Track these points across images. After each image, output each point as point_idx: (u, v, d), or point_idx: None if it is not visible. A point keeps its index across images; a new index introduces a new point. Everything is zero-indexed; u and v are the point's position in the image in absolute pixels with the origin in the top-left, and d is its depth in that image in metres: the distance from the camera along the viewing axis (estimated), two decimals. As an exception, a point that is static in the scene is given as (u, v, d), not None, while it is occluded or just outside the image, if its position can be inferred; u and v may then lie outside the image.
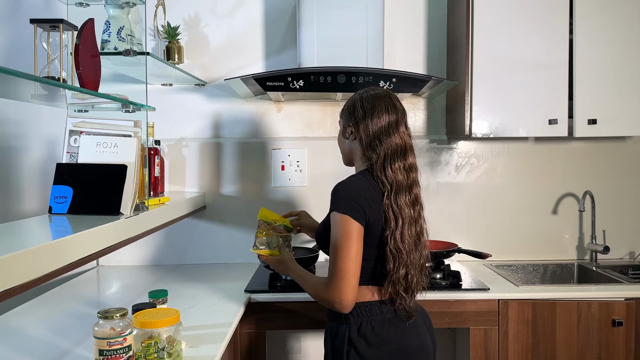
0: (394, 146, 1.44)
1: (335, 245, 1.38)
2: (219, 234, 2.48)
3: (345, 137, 1.55)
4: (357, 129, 1.48)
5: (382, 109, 1.47)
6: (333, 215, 1.40)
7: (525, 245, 2.48)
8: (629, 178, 2.49)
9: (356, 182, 1.43)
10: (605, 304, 1.94)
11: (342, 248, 1.36)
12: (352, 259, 1.36)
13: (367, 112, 1.47)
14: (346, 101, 1.57)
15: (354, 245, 1.36)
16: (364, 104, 1.49)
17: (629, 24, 2.15)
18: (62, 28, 1.41)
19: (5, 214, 2.29)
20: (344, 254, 1.36)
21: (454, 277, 2.08)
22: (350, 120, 1.50)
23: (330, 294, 1.37)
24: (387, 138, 1.44)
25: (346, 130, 1.53)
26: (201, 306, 1.83)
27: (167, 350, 1.24)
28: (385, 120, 1.46)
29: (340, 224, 1.37)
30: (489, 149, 2.48)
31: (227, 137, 2.47)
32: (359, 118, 1.48)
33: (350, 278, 1.36)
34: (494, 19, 2.15)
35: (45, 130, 2.36)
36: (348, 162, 1.61)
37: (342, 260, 1.36)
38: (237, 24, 2.45)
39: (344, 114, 1.55)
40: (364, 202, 1.38)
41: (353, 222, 1.36)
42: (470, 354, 1.95)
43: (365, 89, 1.55)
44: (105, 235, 1.37)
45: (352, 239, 1.36)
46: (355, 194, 1.39)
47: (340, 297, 1.36)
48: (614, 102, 2.16)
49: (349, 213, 1.37)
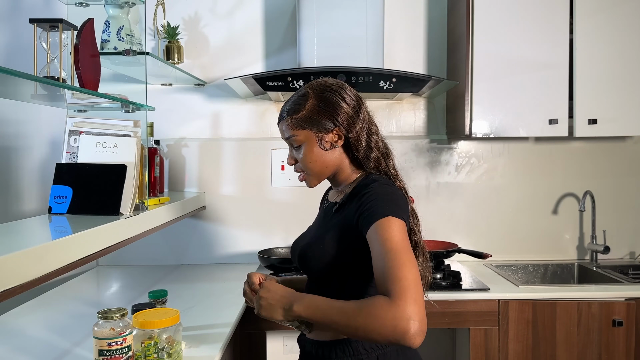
0: (381, 140, 1.28)
1: (397, 251, 1.03)
2: (219, 234, 2.48)
3: (324, 149, 1.23)
4: (349, 131, 1.22)
5: (359, 96, 1.26)
6: (387, 220, 1.08)
7: (525, 245, 2.48)
8: (629, 178, 2.49)
9: (396, 190, 1.20)
10: (606, 304, 1.94)
11: (407, 254, 1.04)
12: (417, 269, 1.04)
13: (354, 105, 1.24)
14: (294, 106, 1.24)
15: (413, 256, 1.07)
16: (343, 96, 1.23)
17: (629, 24, 2.15)
18: (61, 28, 1.41)
19: (5, 214, 2.29)
20: (410, 260, 1.03)
21: (454, 277, 2.08)
22: (335, 123, 1.22)
23: (402, 310, 0.94)
24: (376, 130, 1.27)
25: (325, 139, 1.22)
26: (201, 306, 1.82)
27: (167, 351, 1.24)
28: (367, 110, 1.26)
29: (400, 229, 1.08)
30: (489, 149, 2.48)
31: (227, 137, 2.47)
32: (350, 116, 1.22)
33: (422, 291, 1.01)
34: (494, 19, 2.15)
35: (45, 130, 2.35)
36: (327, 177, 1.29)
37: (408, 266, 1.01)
38: (237, 23, 2.45)
39: (313, 120, 1.22)
40: (408, 213, 1.18)
41: (406, 229, 1.11)
42: (470, 354, 1.95)
43: (310, 84, 1.27)
44: (105, 235, 1.37)
45: (411, 249, 1.08)
46: (403, 202, 1.17)
47: (418, 313, 0.95)
48: (614, 102, 2.16)
49: (405, 219, 1.12)
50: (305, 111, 1.22)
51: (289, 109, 1.26)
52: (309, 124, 1.22)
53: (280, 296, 1.10)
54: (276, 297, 1.11)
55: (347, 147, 1.25)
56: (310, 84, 1.28)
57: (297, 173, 1.32)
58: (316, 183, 1.29)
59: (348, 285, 1.19)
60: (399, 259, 1.02)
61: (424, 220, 2.56)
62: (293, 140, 1.25)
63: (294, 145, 1.26)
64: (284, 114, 1.26)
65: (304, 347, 1.32)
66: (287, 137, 1.27)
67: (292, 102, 1.26)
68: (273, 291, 1.12)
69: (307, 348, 1.30)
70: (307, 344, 1.30)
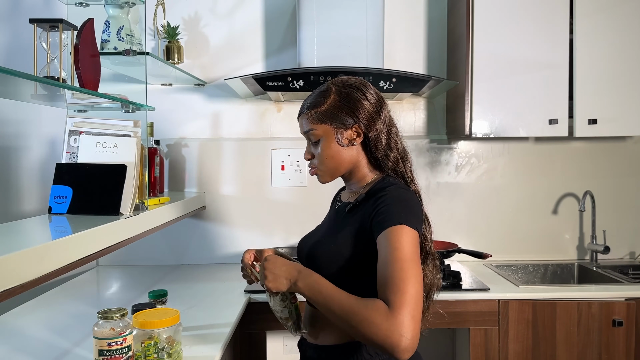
0: (401, 142, 1.26)
1: (405, 262, 1.03)
2: (219, 234, 2.48)
3: (342, 145, 1.22)
4: (369, 129, 1.21)
5: (382, 96, 1.25)
6: (400, 228, 1.07)
7: (525, 245, 2.48)
8: (629, 178, 2.49)
9: (413, 196, 1.18)
10: (606, 304, 1.94)
11: (415, 266, 1.04)
12: (422, 282, 1.05)
13: (376, 103, 1.22)
14: (316, 101, 1.23)
15: (421, 268, 1.07)
16: (365, 94, 1.22)
17: (629, 24, 2.15)
18: (61, 28, 1.41)
19: (5, 214, 2.29)
20: (416, 273, 1.03)
21: (454, 277, 2.08)
22: (355, 120, 1.20)
23: (398, 324, 0.95)
24: (396, 132, 1.25)
25: (344, 135, 1.21)
26: (201, 306, 1.82)
27: (167, 351, 1.24)
28: (389, 110, 1.25)
29: (412, 239, 1.07)
30: (489, 149, 2.48)
31: (227, 137, 2.47)
32: (371, 114, 1.21)
33: (422, 306, 1.02)
34: (494, 19, 2.15)
35: (45, 130, 2.36)
36: (340, 175, 1.28)
37: (414, 279, 1.01)
38: (237, 23, 2.45)
39: (333, 115, 1.21)
40: (421, 219, 1.16)
41: (418, 240, 1.10)
42: (470, 354, 1.95)
43: (333, 80, 1.26)
44: (105, 235, 1.37)
45: (420, 261, 1.08)
46: (418, 209, 1.16)
47: (411, 330, 0.96)
48: (614, 102, 2.16)
49: (419, 229, 1.10)
50: (326, 106, 1.22)
51: (310, 102, 1.25)
52: (328, 118, 1.21)
53: (286, 268, 1.13)
54: (283, 268, 1.13)
55: (366, 145, 1.23)
56: (334, 80, 1.27)
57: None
58: (329, 180, 1.28)
59: (354, 285, 1.16)
60: (405, 271, 1.01)
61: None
62: (311, 134, 1.24)
63: (312, 139, 1.25)
64: (305, 108, 1.26)
65: (305, 352, 1.31)
66: (306, 131, 1.25)
67: (314, 96, 1.25)
68: (279, 263, 1.14)
69: (308, 353, 1.29)
70: (309, 349, 1.28)
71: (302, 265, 1.15)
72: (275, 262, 1.14)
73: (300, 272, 1.11)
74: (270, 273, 1.13)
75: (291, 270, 1.12)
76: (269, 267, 1.14)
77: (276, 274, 1.13)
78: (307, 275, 1.10)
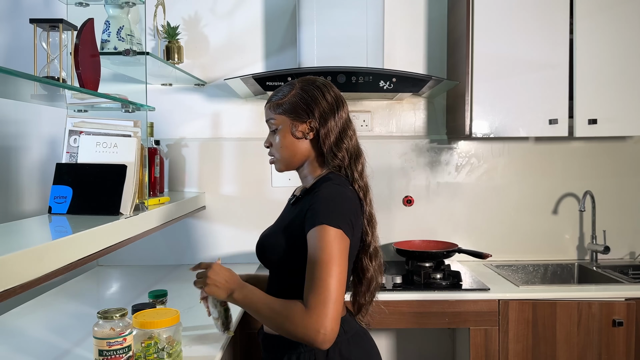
0: (354, 144, 1.32)
1: (325, 263, 1.12)
2: (219, 234, 2.48)
3: (296, 137, 1.30)
4: (322, 125, 1.28)
5: (342, 100, 1.32)
6: (322, 228, 1.15)
7: (525, 245, 2.48)
8: (629, 178, 2.49)
9: (345, 192, 1.24)
10: (606, 304, 1.94)
11: (334, 266, 1.12)
12: (343, 281, 1.14)
13: (332, 104, 1.29)
14: (279, 93, 1.33)
15: (344, 265, 1.15)
16: (324, 93, 1.30)
17: (629, 24, 2.15)
18: (61, 28, 1.40)
19: (5, 214, 2.29)
20: (336, 273, 1.12)
21: (454, 277, 2.08)
22: (309, 115, 1.28)
23: (313, 322, 1.08)
24: (351, 134, 1.31)
25: (298, 127, 1.29)
26: (201, 306, 1.81)
27: (167, 351, 1.24)
28: (346, 113, 1.32)
29: (334, 238, 1.15)
30: (489, 149, 2.48)
31: (227, 137, 2.47)
32: (326, 112, 1.28)
33: (340, 304, 1.12)
34: (494, 19, 2.15)
35: (45, 130, 2.36)
36: (294, 166, 1.36)
37: (333, 279, 1.11)
38: (237, 23, 2.45)
39: (291, 108, 1.29)
40: (353, 216, 1.22)
41: (346, 238, 1.17)
42: (470, 354, 1.95)
43: (301, 78, 1.35)
44: (105, 235, 1.37)
45: (343, 258, 1.16)
46: (347, 206, 1.22)
47: (326, 327, 1.08)
48: (614, 102, 2.16)
49: (343, 228, 1.17)
50: (287, 99, 1.31)
51: (274, 94, 1.35)
52: (286, 110, 1.31)
53: (225, 280, 1.25)
54: (222, 280, 1.25)
55: (317, 142, 1.30)
56: (302, 77, 1.36)
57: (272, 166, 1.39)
58: (284, 169, 1.37)
59: (293, 276, 1.23)
60: (326, 271, 1.12)
61: (425, 220, 2.57)
62: (271, 123, 1.34)
63: (271, 128, 1.35)
64: (270, 98, 1.36)
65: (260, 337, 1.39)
66: (267, 120, 1.35)
67: (280, 89, 1.35)
68: (221, 274, 1.26)
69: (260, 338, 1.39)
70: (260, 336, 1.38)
71: (240, 279, 1.27)
72: (218, 273, 1.26)
73: (238, 282, 1.25)
74: (212, 282, 1.25)
75: (231, 282, 1.25)
76: (212, 276, 1.26)
77: (217, 285, 1.25)
78: (242, 286, 1.24)
